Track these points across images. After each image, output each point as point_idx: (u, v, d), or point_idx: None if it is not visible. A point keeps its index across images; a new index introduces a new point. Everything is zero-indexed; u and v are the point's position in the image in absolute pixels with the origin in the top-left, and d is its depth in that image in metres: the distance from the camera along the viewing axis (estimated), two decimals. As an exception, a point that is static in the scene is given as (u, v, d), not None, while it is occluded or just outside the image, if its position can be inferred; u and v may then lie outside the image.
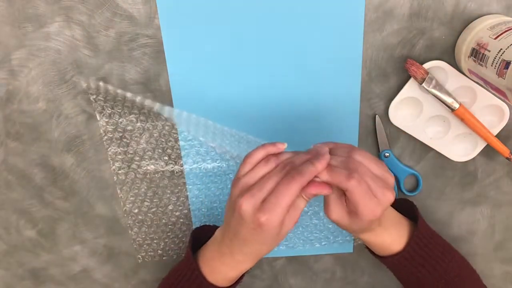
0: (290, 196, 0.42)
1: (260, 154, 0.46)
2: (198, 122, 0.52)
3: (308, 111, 0.56)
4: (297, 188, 0.42)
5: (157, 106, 0.51)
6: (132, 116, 0.56)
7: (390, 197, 0.43)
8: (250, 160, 0.46)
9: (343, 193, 0.44)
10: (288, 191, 0.42)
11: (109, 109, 0.55)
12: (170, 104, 0.55)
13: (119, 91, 0.54)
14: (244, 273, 0.52)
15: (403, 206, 0.56)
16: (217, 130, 0.53)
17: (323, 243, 0.65)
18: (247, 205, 0.43)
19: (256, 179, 0.44)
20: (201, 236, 0.56)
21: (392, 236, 0.52)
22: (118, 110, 0.55)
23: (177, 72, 0.53)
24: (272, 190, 0.43)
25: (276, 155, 0.46)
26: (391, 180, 0.45)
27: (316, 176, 0.43)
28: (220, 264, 0.50)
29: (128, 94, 0.53)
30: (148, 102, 0.52)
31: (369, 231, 0.49)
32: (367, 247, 0.56)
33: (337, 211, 0.45)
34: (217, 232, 0.52)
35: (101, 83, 0.53)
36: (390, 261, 0.53)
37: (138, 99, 0.52)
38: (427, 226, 0.54)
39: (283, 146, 0.47)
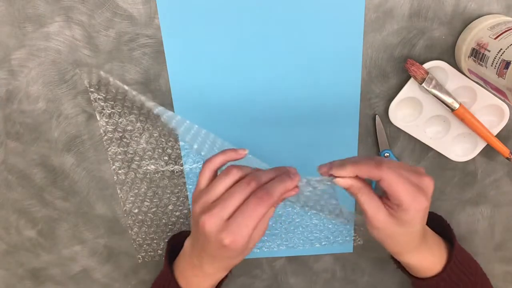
0: (258, 218, 0.39)
1: (219, 160, 0.44)
2: (197, 132, 0.51)
3: (308, 111, 0.56)
4: (265, 209, 0.39)
5: (158, 109, 0.50)
6: (132, 116, 0.56)
7: (430, 181, 0.41)
8: (210, 166, 0.44)
9: (378, 196, 0.42)
10: (255, 212, 0.38)
11: (109, 109, 0.55)
12: (170, 104, 0.55)
13: (123, 86, 0.53)
14: (221, 281, 0.51)
15: (430, 219, 0.52)
16: (214, 141, 0.51)
17: (323, 243, 0.65)
18: (210, 225, 0.40)
19: (217, 194, 0.41)
20: (180, 242, 0.53)
21: (435, 256, 0.49)
22: (118, 110, 0.55)
23: (177, 72, 0.53)
24: (237, 208, 0.40)
25: (238, 166, 0.43)
26: (422, 169, 0.43)
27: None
28: (193, 275, 0.48)
29: (134, 93, 0.53)
30: (149, 104, 0.50)
31: (416, 249, 0.47)
32: (400, 267, 0.53)
33: (381, 216, 0.41)
34: (186, 243, 0.49)
35: (101, 73, 0.53)
36: (428, 283, 0.50)
37: (142, 98, 0.52)
38: (460, 245, 0.52)
39: (244, 152, 0.45)
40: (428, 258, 0.49)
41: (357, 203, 0.44)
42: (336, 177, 0.42)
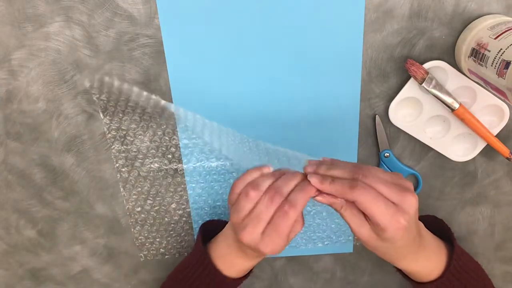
0: (288, 228, 0.42)
1: (246, 181, 0.46)
2: (202, 122, 0.52)
3: (308, 111, 0.56)
4: (293, 219, 0.42)
5: (162, 103, 0.51)
6: (136, 114, 0.56)
7: (412, 200, 0.40)
8: (237, 190, 0.46)
9: (359, 210, 0.42)
10: (285, 224, 0.42)
11: (112, 107, 0.55)
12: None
13: (125, 86, 0.53)
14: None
15: (431, 223, 0.53)
16: (219, 130, 0.53)
17: (325, 243, 0.65)
18: (247, 239, 0.43)
19: (245, 212, 0.44)
20: (208, 230, 0.57)
21: (433, 262, 0.49)
22: (122, 109, 0.55)
23: (177, 72, 0.53)
24: (269, 221, 0.43)
25: (254, 185, 0.44)
26: (409, 183, 0.42)
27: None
28: (236, 258, 0.51)
29: (135, 89, 0.53)
30: (155, 98, 0.51)
31: (411, 256, 0.46)
32: (399, 271, 0.53)
33: (364, 232, 0.42)
34: (229, 231, 0.52)
35: (106, 78, 0.53)
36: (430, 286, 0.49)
37: (144, 94, 0.52)
38: (462, 248, 0.52)
39: (268, 170, 0.47)
40: (425, 265, 0.49)
41: None
42: (315, 196, 0.43)
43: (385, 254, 0.46)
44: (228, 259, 0.51)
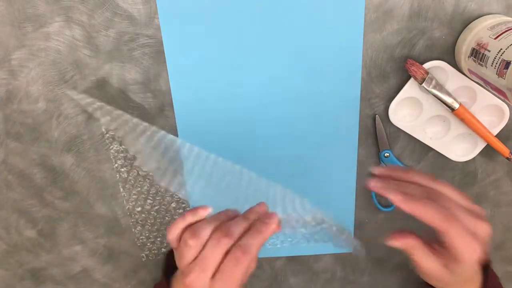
0: (241, 273, 0.38)
1: (180, 227, 0.42)
2: (205, 158, 0.50)
3: (308, 111, 0.56)
4: (246, 265, 0.38)
5: (160, 134, 0.47)
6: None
7: (487, 229, 0.38)
8: (171, 237, 0.42)
9: (428, 244, 0.39)
10: (237, 271, 0.38)
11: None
12: (170, 104, 0.55)
13: (122, 113, 0.50)
14: None
15: None
16: (221, 166, 0.50)
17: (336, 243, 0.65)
18: (195, 286, 0.39)
19: (191, 257, 0.40)
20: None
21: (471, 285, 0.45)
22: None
23: (177, 72, 0.53)
24: (217, 265, 0.39)
25: (192, 231, 0.41)
26: (481, 209, 0.39)
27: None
28: None
29: (134, 120, 0.49)
30: (150, 130, 0.48)
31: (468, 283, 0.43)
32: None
33: (435, 270, 0.38)
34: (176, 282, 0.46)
35: (98, 104, 0.50)
36: None
37: (142, 126, 0.48)
38: (496, 279, 0.49)
39: (204, 213, 0.42)
40: None
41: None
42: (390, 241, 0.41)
43: (442, 285, 0.42)
44: None
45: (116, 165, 0.59)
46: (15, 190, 0.61)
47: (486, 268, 0.47)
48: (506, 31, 0.44)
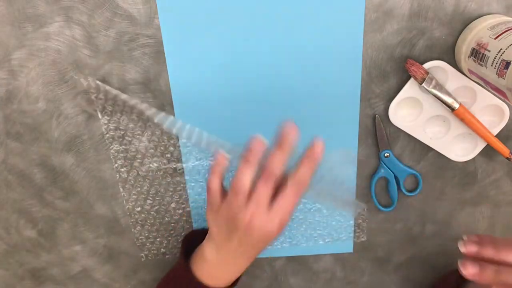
0: (297, 203, 0.44)
1: (217, 182, 0.47)
2: (200, 135, 0.51)
3: (308, 111, 0.56)
4: (300, 196, 0.44)
5: (158, 116, 0.50)
6: (134, 114, 0.56)
7: None
8: (215, 191, 0.47)
9: None
10: (295, 201, 0.44)
11: (111, 107, 0.55)
12: (170, 104, 0.55)
13: (121, 94, 0.53)
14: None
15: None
16: (218, 143, 0.51)
17: (326, 240, 0.65)
18: (256, 218, 0.44)
19: (245, 194, 0.44)
20: (192, 241, 0.56)
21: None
22: (120, 108, 0.55)
23: (177, 72, 0.53)
24: (270, 200, 0.44)
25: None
26: None
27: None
28: (223, 272, 0.50)
29: (133, 101, 0.53)
30: (150, 112, 0.51)
31: None
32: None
33: None
34: (207, 251, 0.50)
35: (99, 83, 0.53)
36: None
37: (142, 106, 0.52)
38: None
39: (224, 159, 0.47)
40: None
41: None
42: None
43: None
44: (212, 272, 0.50)
45: (116, 165, 0.59)
46: (15, 190, 0.61)
47: None
48: (506, 31, 0.44)
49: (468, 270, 0.41)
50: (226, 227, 0.46)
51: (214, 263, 0.50)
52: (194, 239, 0.56)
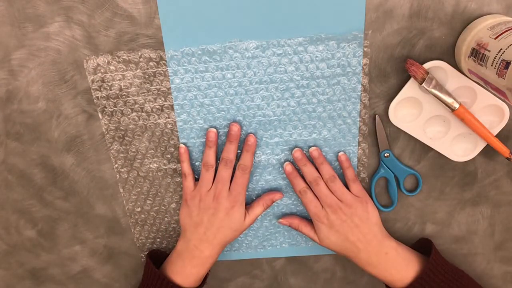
0: (246, 180, 0.58)
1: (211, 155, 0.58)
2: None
3: (308, 111, 0.56)
4: (248, 175, 0.58)
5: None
6: (134, 114, 0.56)
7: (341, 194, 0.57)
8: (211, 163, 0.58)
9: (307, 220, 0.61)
10: (244, 180, 0.57)
11: (111, 107, 0.55)
12: (171, 104, 0.55)
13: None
14: (208, 273, 0.61)
15: (423, 245, 0.62)
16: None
17: None
18: (223, 193, 0.56)
19: (211, 177, 0.57)
20: (156, 255, 0.64)
21: (400, 271, 0.56)
22: (120, 108, 0.55)
23: (177, 72, 0.53)
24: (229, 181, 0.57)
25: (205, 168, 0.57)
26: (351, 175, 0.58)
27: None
28: (191, 267, 0.58)
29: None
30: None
31: (372, 265, 0.57)
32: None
33: (307, 233, 0.60)
34: (179, 244, 0.59)
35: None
36: None
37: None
38: (441, 260, 0.57)
39: (213, 136, 0.57)
40: (393, 272, 0.57)
41: None
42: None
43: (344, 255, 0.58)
44: (183, 271, 0.58)
45: (116, 165, 0.59)
46: (15, 190, 0.61)
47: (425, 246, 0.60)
48: (506, 31, 0.44)
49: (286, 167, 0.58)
50: (197, 212, 0.57)
51: (185, 256, 0.58)
52: (159, 253, 0.64)
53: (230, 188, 0.56)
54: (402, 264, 0.57)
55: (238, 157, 0.58)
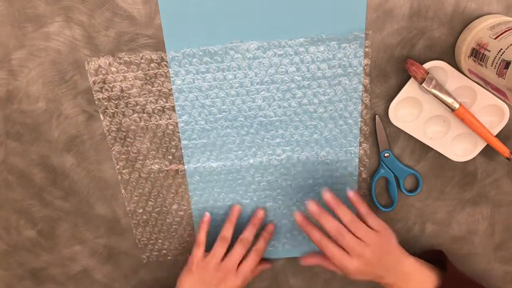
0: (256, 264, 0.61)
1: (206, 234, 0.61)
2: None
3: (309, 111, 0.56)
4: (258, 260, 0.61)
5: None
6: (135, 115, 0.56)
7: (369, 238, 0.53)
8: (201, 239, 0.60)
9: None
10: (255, 263, 0.60)
11: (113, 108, 0.55)
12: (171, 104, 0.55)
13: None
14: None
15: (434, 256, 0.60)
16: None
17: None
18: (229, 276, 0.58)
19: (223, 252, 0.59)
20: None
21: (418, 284, 0.56)
22: (122, 109, 0.55)
23: (177, 72, 0.53)
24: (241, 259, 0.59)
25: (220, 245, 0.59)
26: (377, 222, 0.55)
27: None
28: None
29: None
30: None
31: (391, 286, 0.56)
32: None
33: (334, 270, 0.57)
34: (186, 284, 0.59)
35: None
36: None
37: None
38: (457, 272, 0.57)
39: (206, 218, 0.62)
40: (411, 285, 0.56)
41: None
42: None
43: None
44: None
45: (118, 166, 0.59)
46: (15, 190, 0.61)
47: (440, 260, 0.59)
48: (506, 31, 0.44)
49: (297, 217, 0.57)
50: (200, 285, 0.58)
51: None
52: None
53: (238, 268, 0.58)
54: (421, 281, 0.56)
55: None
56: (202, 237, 0.59)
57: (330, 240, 0.54)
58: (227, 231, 0.59)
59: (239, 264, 0.58)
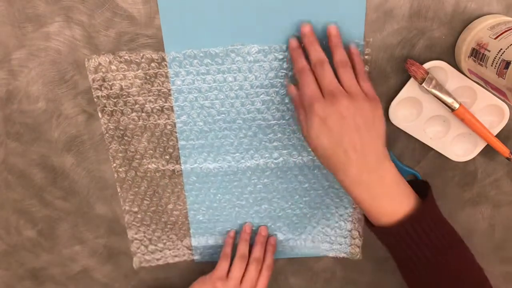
0: (267, 282, 0.62)
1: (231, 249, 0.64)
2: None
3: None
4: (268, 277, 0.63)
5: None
6: (133, 114, 0.56)
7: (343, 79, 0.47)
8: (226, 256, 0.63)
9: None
10: (265, 281, 0.62)
11: (111, 106, 0.55)
12: (170, 104, 0.55)
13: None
14: None
15: (420, 187, 0.51)
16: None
17: (327, 245, 0.66)
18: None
19: (225, 269, 0.61)
20: None
21: (393, 203, 0.46)
22: (120, 108, 0.55)
23: (177, 72, 0.53)
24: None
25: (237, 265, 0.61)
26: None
27: None
28: None
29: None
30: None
31: (360, 184, 0.45)
32: (365, 220, 0.51)
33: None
34: None
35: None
36: (385, 231, 0.47)
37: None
38: (435, 206, 0.48)
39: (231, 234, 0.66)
40: (385, 204, 0.46)
41: None
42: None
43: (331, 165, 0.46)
44: None
45: (115, 164, 0.59)
46: (15, 190, 0.61)
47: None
48: (506, 31, 0.44)
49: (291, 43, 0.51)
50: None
51: None
52: None
53: (256, 287, 0.61)
54: (397, 196, 0.46)
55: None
56: (229, 250, 0.63)
57: (311, 72, 0.47)
58: (244, 249, 0.62)
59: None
